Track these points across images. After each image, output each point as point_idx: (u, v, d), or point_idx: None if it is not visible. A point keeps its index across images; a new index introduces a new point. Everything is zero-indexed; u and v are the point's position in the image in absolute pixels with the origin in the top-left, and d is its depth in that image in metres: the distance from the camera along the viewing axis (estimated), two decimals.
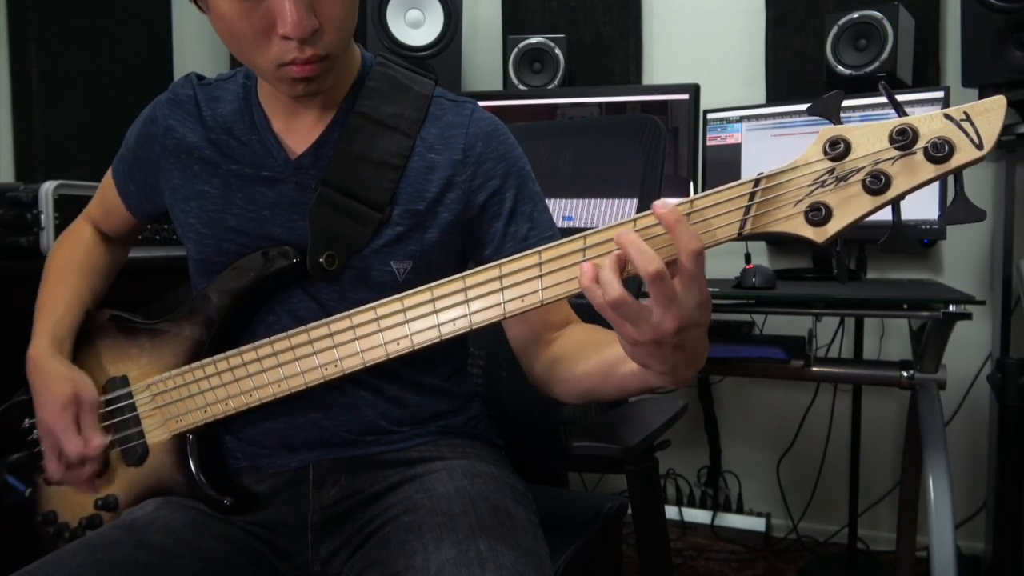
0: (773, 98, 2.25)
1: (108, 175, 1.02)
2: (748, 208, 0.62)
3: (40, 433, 0.91)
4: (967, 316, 1.41)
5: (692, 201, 0.63)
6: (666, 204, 0.60)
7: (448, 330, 0.74)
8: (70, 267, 1.01)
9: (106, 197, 1.02)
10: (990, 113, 0.56)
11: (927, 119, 0.58)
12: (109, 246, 1.06)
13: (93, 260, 1.03)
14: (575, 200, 1.32)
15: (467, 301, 0.72)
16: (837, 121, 0.61)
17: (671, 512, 2.43)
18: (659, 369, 0.66)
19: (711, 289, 1.69)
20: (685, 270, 0.60)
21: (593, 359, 0.79)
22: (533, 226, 0.91)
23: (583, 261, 0.66)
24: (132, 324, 0.94)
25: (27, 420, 0.96)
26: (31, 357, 0.92)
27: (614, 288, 0.61)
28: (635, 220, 0.64)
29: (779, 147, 1.97)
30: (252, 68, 0.83)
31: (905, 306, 1.50)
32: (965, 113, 0.57)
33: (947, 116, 0.57)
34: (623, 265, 0.62)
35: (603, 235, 0.66)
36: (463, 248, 0.92)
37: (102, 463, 0.90)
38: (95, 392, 0.91)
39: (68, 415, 0.88)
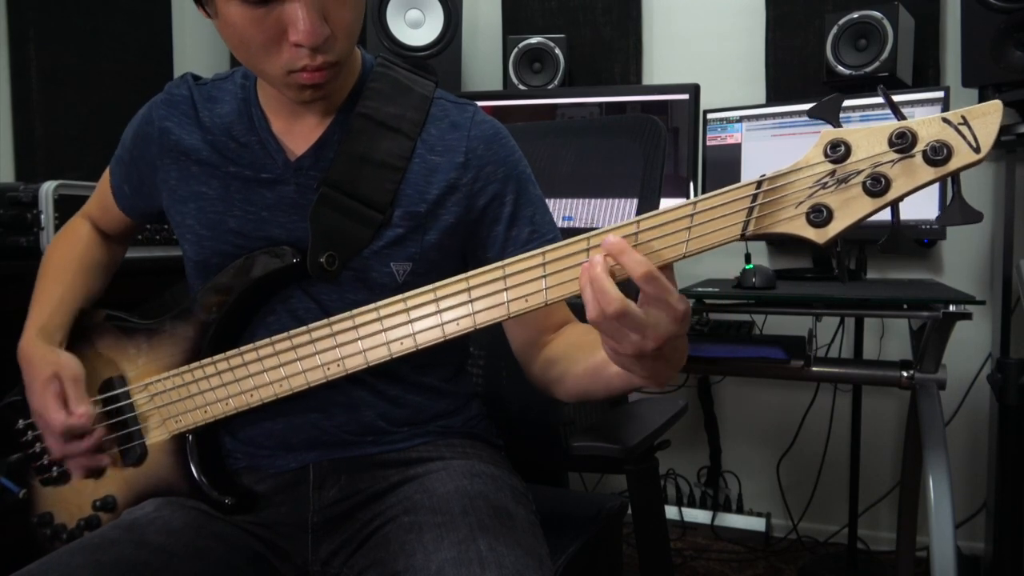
0: (773, 98, 2.25)
1: (106, 174, 1.02)
2: (751, 210, 0.63)
3: (34, 419, 0.91)
4: (967, 316, 1.41)
5: (695, 203, 0.64)
6: (612, 238, 0.64)
7: (452, 329, 0.74)
8: (65, 264, 1.01)
9: (103, 196, 1.02)
10: (987, 117, 0.57)
11: (926, 123, 0.59)
12: (106, 243, 1.06)
13: (89, 257, 1.03)
14: (575, 200, 1.32)
15: (471, 301, 0.73)
16: (837, 124, 0.62)
17: (671, 512, 2.43)
18: (641, 375, 0.70)
19: (711, 289, 1.67)
20: (644, 294, 0.63)
21: (583, 361, 0.81)
22: (535, 229, 0.91)
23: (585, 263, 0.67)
24: (129, 324, 0.94)
25: (21, 421, 0.96)
26: (20, 349, 0.93)
27: (616, 299, 0.62)
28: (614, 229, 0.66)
29: (779, 147, 1.97)
30: (259, 74, 0.83)
31: (905, 306, 1.50)
32: (963, 117, 0.58)
33: (945, 120, 0.58)
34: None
35: (606, 236, 0.66)
36: (463, 250, 0.92)
37: (100, 437, 0.89)
38: (79, 366, 0.91)
39: (50, 392, 0.88)
